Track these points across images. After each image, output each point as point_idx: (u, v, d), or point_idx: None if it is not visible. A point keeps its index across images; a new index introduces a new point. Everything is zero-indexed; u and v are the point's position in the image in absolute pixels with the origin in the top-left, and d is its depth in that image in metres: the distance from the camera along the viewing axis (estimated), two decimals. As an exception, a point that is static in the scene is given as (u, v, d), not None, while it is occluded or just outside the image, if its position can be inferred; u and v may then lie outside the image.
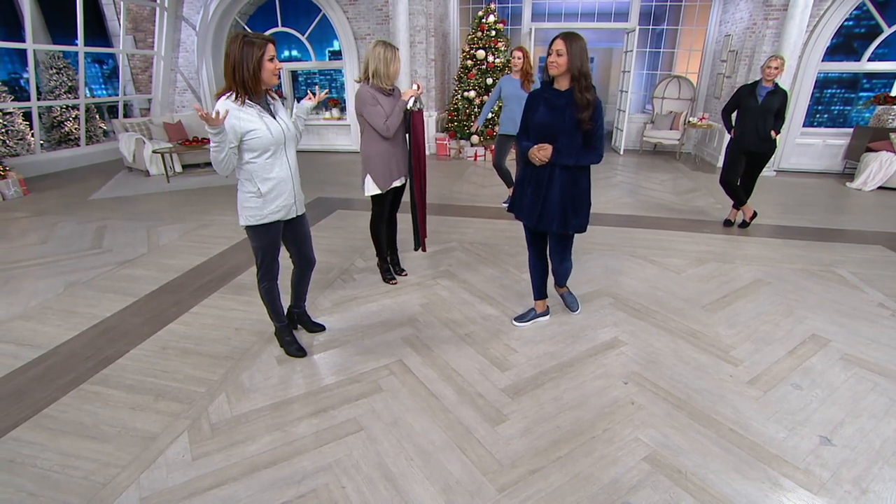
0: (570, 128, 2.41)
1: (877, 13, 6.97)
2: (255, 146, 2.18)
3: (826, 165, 7.63)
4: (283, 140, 2.28)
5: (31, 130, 7.55)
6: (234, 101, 2.11)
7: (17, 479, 1.88)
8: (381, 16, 8.41)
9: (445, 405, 2.29)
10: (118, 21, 9.33)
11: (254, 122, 2.14)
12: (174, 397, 2.34)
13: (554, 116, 2.44)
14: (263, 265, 2.48)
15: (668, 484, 1.85)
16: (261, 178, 2.25)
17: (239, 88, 2.10)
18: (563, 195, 2.53)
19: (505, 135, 5.00)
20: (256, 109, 2.17)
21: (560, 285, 3.12)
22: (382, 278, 3.62)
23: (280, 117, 2.28)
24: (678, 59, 9.49)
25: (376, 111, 2.97)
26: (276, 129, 2.22)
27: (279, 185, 2.31)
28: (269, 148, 2.22)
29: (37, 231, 4.82)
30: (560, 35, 2.34)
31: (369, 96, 2.95)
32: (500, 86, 4.96)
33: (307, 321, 2.94)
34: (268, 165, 2.25)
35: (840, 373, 2.55)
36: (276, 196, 2.31)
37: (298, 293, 2.83)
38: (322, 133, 9.47)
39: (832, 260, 4.05)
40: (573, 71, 2.34)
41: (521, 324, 3.00)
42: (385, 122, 2.98)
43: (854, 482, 1.87)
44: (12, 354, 2.71)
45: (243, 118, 2.12)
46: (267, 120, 2.19)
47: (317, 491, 1.82)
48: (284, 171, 2.32)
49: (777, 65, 4.17)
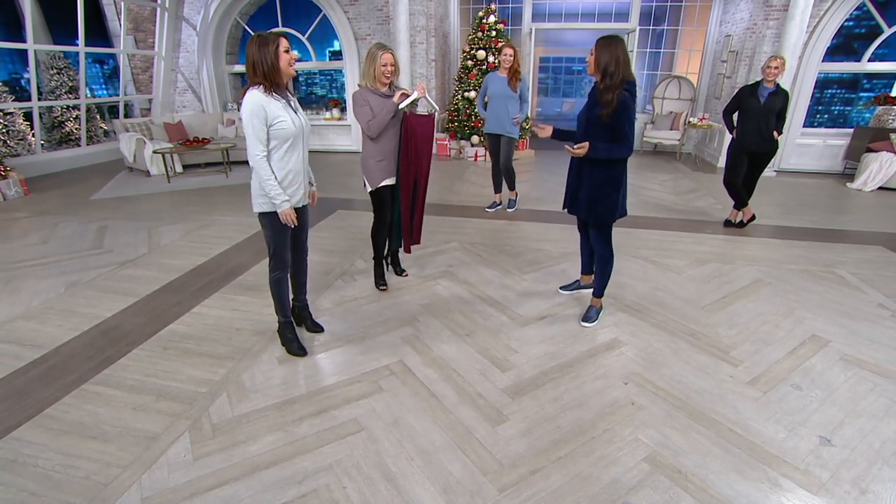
0: (596, 121, 2.65)
1: (877, 13, 6.97)
2: (279, 135, 2.33)
3: (826, 166, 7.63)
4: (303, 133, 2.45)
5: (31, 130, 7.57)
6: (263, 92, 2.26)
7: (19, 478, 1.89)
8: (382, 16, 8.41)
9: (446, 405, 2.30)
10: (119, 21, 9.34)
11: (281, 112, 2.30)
12: (175, 397, 2.35)
13: (586, 111, 2.74)
14: (276, 254, 2.58)
15: (668, 484, 1.86)
16: (278, 166, 2.39)
17: (264, 82, 2.26)
18: (591, 184, 2.78)
19: (491, 134, 4.98)
20: (283, 102, 2.33)
21: (596, 294, 3.09)
22: (374, 283, 3.54)
23: (299, 112, 2.45)
24: (678, 59, 9.50)
25: (362, 112, 3.02)
26: (297, 122, 2.39)
27: (293, 176, 2.46)
28: (289, 138, 2.37)
29: (38, 231, 4.82)
30: (599, 38, 2.58)
31: (360, 97, 3.02)
32: (485, 84, 4.93)
33: (308, 317, 2.96)
34: (286, 156, 2.40)
35: (840, 373, 2.55)
36: (289, 185, 2.45)
37: (297, 283, 2.88)
38: (322, 133, 9.48)
39: (832, 260, 4.05)
40: (601, 71, 2.56)
41: (566, 291, 3.40)
42: (368, 122, 3.03)
43: (853, 482, 1.87)
44: (14, 354, 2.71)
45: (272, 107, 2.28)
46: (291, 112, 2.36)
47: (318, 491, 1.83)
48: (298, 163, 2.48)
49: (777, 65, 4.17)
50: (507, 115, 4.78)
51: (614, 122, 2.59)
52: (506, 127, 4.84)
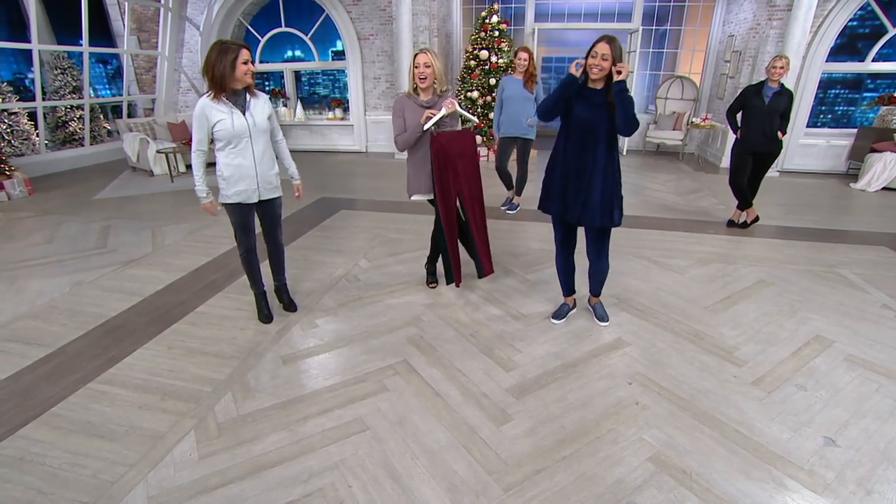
0: (608, 122, 2.55)
1: (881, 13, 6.95)
2: (220, 136, 2.57)
3: (829, 166, 7.61)
4: (248, 133, 2.62)
5: (35, 130, 7.59)
6: (211, 98, 2.51)
7: (26, 476, 1.90)
8: (385, 16, 8.42)
9: (450, 405, 2.30)
10: (122, 21, 9.37)
11: (222, 116, 2.52)
12: (180, 396, 2.36)
13: (593, 113, 2.55)
14: (237, 237, 2.89)
15: (673, 484, 1.86)
16: (224, 162, 2.64)
17: (213, 86, 2.48)
18: (605, 186, 2.60)
19: (506, 137, 4.98)
20: (228, 106, 2.54)
21: (595, 294, 3.08)
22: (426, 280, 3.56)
23: (250, 113, 2.61)
24: (681, 59, 9.48)
25: (395, 123, 3.01)
26: (240, 124, 2.57)
27: (241, 172, 2.66)
28: (231, 139, 2.58)
29: (42, 231, 4.84)
30: (604, 39, 2.42)
31: (396, 106, 3.01)
32: (501, 86, 4.93)
33: (285, 296, 3.23)
34: (232, 154, 2.63)
35: (844, 374, 2.55)
36: (237, 181, 2.67)
37: (274, 266, 3.17)
38: (325, 133, 9.49)
39: (836, 261, 4.04)
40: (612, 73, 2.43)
41: (559, 321, 3.05)
42: (395, 137, 3.01)
43: (859, 483, 1.87)
44: (20, 353, 2.73)
45: (214, 112, 2.51)
46: (235, 115, 2.55)
47: (323, 490, 1.84)
48: (248, 160, 2.66)
49: (782, 64, 4.16)
50: (523, 117, 4.79)
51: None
52: (522, 129, 4.85)
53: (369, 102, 9.15)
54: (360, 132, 9.32)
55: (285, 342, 2.84)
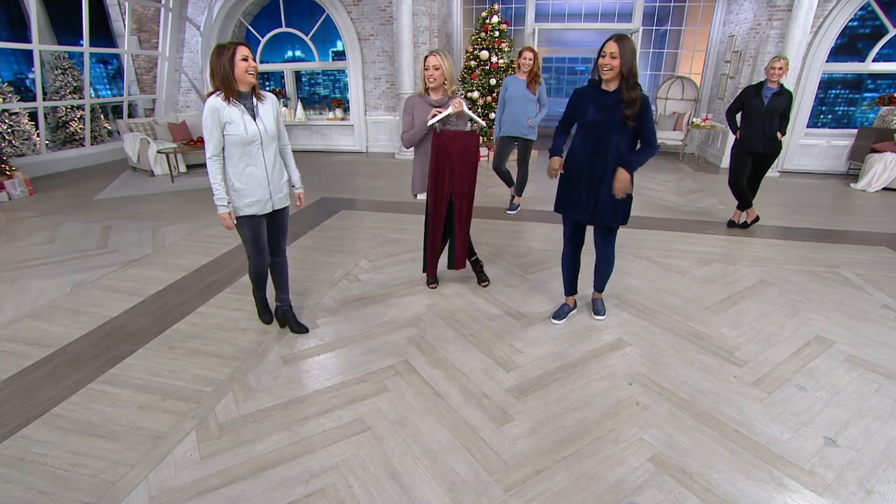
0: (620, 126, 2.52)
1: (882, 13, 6.95)
2: (231, 141, 2.42)
3: (830, 166, 7.62)
4: (259, 140, 2.48)
5: (36, 130, 7.60)
6: (222, 98, 2.37)
7: (27, 476, 1.90)
8: (385, 16, 8.42)
9: (451, 405, 2.30)
10: (123, 22, 9.37)
11: (234, 117, 2.38)
12: (181, 396, 2.36)
13: (605, 116, 2.54)
14: (249, 254, 2.73)
15: (673, 484, 1.86)
16: (235, 174, 2.49)
17: (222, 89, 2.36)
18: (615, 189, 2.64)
19: (507, 136, 4.98)
20: (240, 109, 2.41)
21: (598, 289, 3.13)
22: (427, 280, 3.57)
23: (260, 119, 2.48)
24: (681, 59, 9.49)
25: (404, 120, 3.06)
26: (252, 129, 2.44)
27: (253, 181, 2.52)
28: (242, 146, 2.44)
29: (43, 231, 4.85)
30: (613, 38, 2.42)
31: (407, 104, 3.06)
32: (504, 86, 4.93)
33: (292, 319, 2.95)
34: (241, 164, 2.48)
35: (845, 374, 2.55)
36: (249, 193, 2.53)
37: (278, 282, 2.93)
38: (325, 133, 9.50)
39: (836, 261, 4.04)
40: (624, 71, 2.43)
41: (560, 321, 3.05)
42: (402, 133, 3.08)
43: (859, 483, 1.87)
44: (21, 353, 2.73)
45: (225, 111, 2.37)
46: (247, 119, 2.42)
47: (324, 490, 1.84)
48: (260, 168, 2.53)
49: (781, 65, 4.16)
50: (525, 117, 4.80)
51: (639, 122, 2.50)
52: (523, 129, 4.85)
53: (369, 102, 9.16)
54: (360, 132, 9.33)
55: (286, 342, 2.84)
